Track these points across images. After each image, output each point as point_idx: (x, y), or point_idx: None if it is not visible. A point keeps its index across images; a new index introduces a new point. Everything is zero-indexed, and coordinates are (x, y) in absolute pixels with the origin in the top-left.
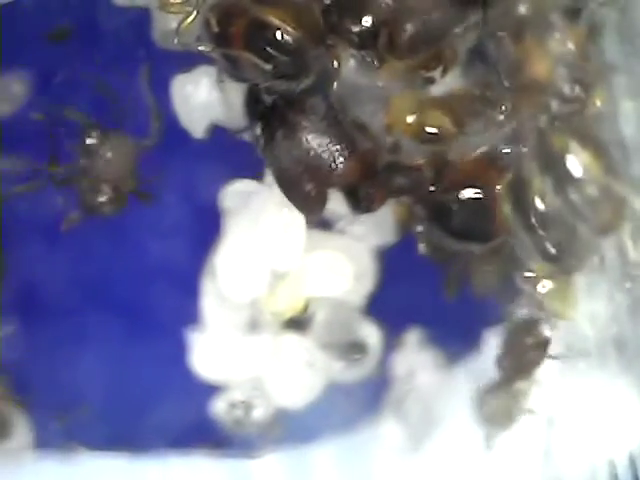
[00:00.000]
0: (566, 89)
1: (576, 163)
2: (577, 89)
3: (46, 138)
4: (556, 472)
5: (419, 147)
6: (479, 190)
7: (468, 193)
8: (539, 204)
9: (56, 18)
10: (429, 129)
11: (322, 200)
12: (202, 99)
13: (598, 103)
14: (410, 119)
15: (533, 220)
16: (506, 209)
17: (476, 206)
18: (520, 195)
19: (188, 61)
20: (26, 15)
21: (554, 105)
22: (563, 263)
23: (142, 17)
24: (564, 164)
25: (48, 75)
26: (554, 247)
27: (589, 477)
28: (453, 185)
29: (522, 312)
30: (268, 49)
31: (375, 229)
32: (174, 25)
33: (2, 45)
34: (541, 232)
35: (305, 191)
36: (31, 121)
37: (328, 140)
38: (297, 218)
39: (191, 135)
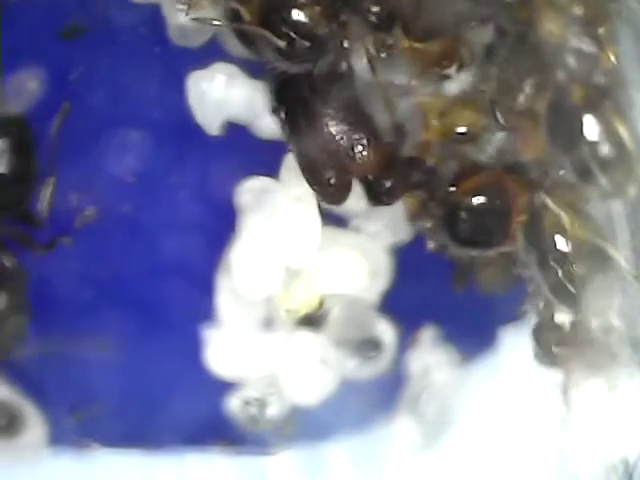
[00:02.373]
0: (580, 45)
1: (592, 119)
2: (591, 44)
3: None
4: (571, 470)
5: (449, 147)
6: (494, 199)
7: (481, 200)
8: (559, 242)
9: (70, 15)
10: (459, 129)
11: (343, 189)
12: (217, 96)
13: (612, 58)
14: (435, 122)
15: (550, 259)
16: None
17: (487, 215)
18: (537, 232)
19: (203, 58)
20: (40, 12)
21: (571, 61)
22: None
23: (157, 13)
24: (580, 120)
25: (62, 73)
26: (572, 285)
27: (604, 475)
28: (470, 190)
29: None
30: (284, 28)
31: (390, 227)
32: (188, 21)
33: (16, 42)
34: (559, 270)
35: (326, 179)
36: (44, 118)
37: (348, 128)
38: (312, 215)
39: (206, 132)
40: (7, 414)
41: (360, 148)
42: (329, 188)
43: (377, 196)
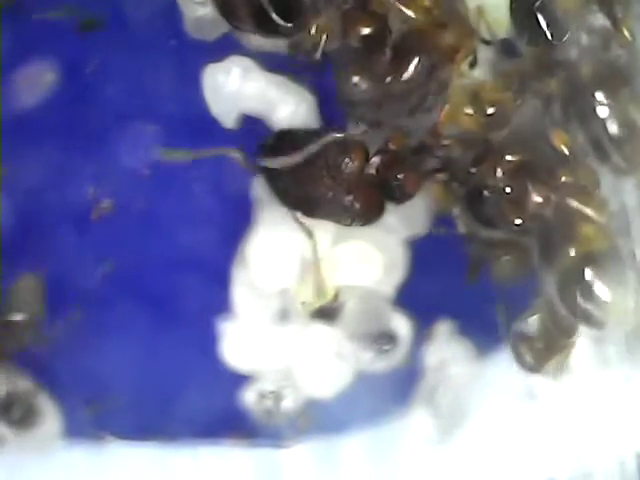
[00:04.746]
0: (594, 22)
1: (602, 95)
2: (605, 20)
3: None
4: (585, 465)
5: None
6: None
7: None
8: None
9: (86, 8)
10: (489, 110)
11: (374, 206)
12: (233, 89)
13: (627, 34)
14: (469, 110)
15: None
16: None
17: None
18: (556, 253)
19: (219, 51)
20: (57, 4)
21: (583, 39)
22: None
23: (172, 7)
24: (592, 96)
25: (78, 65)
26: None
27: (618, 470)
28: (490, 171)
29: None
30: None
31: (406, 220)
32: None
33: (32, 34)
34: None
35: (347, 206)
36: (59, 111)
37: (320, 156)
38: None
39: (222, 125)
40: (22, 406)
41: (345, 162)
42: (358, 211)
43: (390, 193)
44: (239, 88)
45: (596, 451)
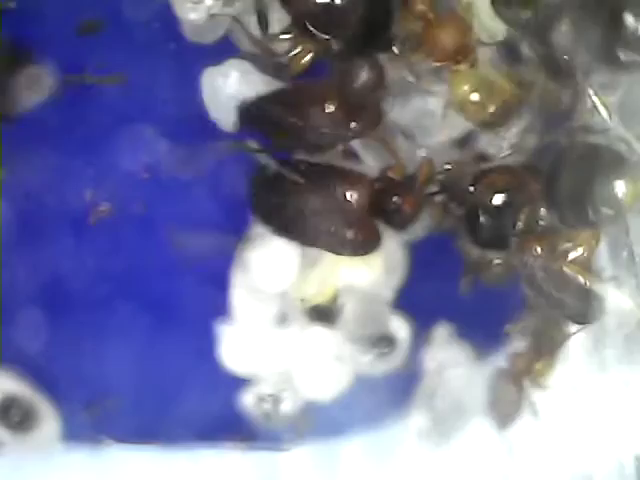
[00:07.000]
0: None
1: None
2: None
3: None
4: (584, 468)
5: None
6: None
7: (500, 199)
8: None
9: (86, 10)
10: (491, 108)
11: (373, 234)
12: (232, 92)
13: None
14: (475, 97)
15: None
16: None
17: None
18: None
19: (218, 54)
20: (56, 7)
21: None
22: None
23: (171, 9)
24: (622, 18)
25: (77, 68)
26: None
27: (617, 473)
28: (488, 189)
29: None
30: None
31: None
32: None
33: (31, 36)
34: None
35: (352, 239)
36: (58, 113)
37: (326, 190)
38: None
39: (220, 128)
40: (21, 409)
41: (351, 195)
42: (358, 243)
43: (390, 219)
44: (238, 91)
45: (595, 454)
